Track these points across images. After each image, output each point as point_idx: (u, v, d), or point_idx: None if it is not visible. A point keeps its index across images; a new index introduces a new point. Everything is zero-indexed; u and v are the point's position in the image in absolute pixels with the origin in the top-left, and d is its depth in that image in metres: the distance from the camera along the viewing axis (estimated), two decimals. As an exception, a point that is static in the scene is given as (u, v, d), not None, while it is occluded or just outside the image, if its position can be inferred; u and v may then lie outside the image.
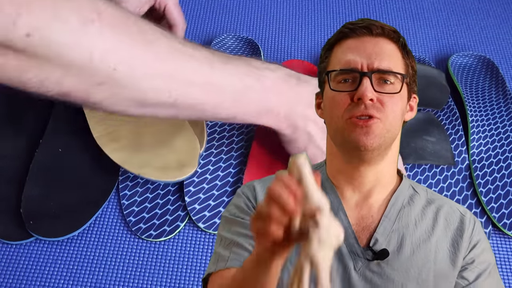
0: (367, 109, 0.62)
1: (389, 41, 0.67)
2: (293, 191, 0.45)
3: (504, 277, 1.03)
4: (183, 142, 1.06)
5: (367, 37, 0.67)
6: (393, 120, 0.64)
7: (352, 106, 0.63)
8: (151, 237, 1.02)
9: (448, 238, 0.65)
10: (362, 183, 0.66)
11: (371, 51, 0.65)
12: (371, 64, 0.64)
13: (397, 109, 0.64)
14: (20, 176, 1.06)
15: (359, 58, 0.65)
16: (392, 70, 0.65)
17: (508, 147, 1.16)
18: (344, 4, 1.47)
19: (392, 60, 0.66)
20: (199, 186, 1.07)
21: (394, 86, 0.65)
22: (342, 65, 0.66)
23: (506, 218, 1.06)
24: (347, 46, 0.67)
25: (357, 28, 0.67)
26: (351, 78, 0.65)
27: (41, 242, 1.02)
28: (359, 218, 0.66)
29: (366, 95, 0.62)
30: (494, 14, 1.48)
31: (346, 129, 0.63)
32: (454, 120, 1.18)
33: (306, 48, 1.36)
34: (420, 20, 1.45)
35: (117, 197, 1.08)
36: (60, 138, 1.11)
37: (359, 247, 0.63)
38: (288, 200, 0.45)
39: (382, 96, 0.63)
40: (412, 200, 0.68)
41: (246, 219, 0.66)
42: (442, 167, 1.13)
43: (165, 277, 0.99)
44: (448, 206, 0.69)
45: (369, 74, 0.63)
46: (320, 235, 0.44)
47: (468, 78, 1.30)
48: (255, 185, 0.71)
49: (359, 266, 0.62)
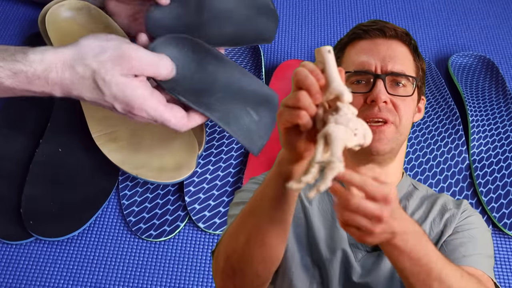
0: (381, 111, 0.63)
1: (401, 44, 0.68)
2: (318, 76, 0.45)
3: (504, 277, 1.03)
4: (181, 143, 1.06)
5: (380, 39, 0.67)
6: (406, 122, 0.65)
7: (366, 108, 0.64)
8: (151, 237, 1.02)
9: (443, 219, 0.66)
10: None
11: (384, 54, 0.66)
12: (384, 67, 0.65)
13: (409, 111, 0.66)
14: (20, 176, 1.06)
15: (373, 60, 0.66)
16: (405, 73, 0.66)
17: (508, 147, 1.16)
18: (344, 4, 1.47)
19: (404, 63, 0.66)
20: (199, 186, 1.07)
21: (406, 89, 0.66)
22: (356, 66, 0.66)
23: (506, 218, 1.06)
24: (360, 48, 0.68)
25: (370, 30, 0.68)
26: (365, 80, 0.66)
27: (41, 242, 1.02)
28: None
29: (380, 97, 0.63)
30: (494, 14, 1.48)
31: None
32: (454, 120, 1.18)
33: (306, 48, 1.36)
34: (420, 20, 1.45)
35: (117, 197, 1.08)
36: (60, 138, 1.11)
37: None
38: (313, 81, 0.45)
39: (395, 99, 0.64)
40: (411, 195, 0.69)
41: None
42: (442, 167, 1.13)
43: (165, 277, 0.99)
44: (446, 197, 0.70)
45: (383, 77, 0.64)
46: (337, 118, 0.44)
47: (468, 78, 1.30)
48: (260, 179, 0.72)
49: (359, 258, 0.63)
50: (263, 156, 1.11)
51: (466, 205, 0.68)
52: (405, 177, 0.70)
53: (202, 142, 1.08)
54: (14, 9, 1.38)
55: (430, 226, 0.65)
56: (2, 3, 1.40)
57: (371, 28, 0.68)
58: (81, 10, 1.17)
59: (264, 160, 1.10)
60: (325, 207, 0.67)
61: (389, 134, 0.63)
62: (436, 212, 0.67)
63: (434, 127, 1.19)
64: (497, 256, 1.05)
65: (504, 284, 1.01)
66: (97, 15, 1.17)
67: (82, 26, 1.16)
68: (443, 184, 1.11)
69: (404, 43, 0.68)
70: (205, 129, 1.10)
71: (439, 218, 0.66)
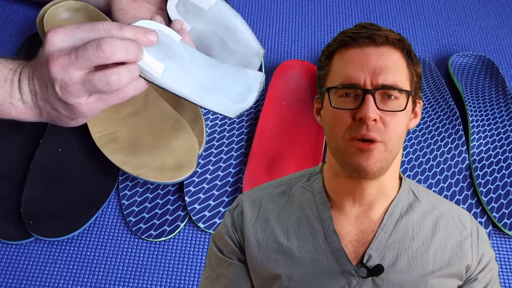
0: (369, 131, 0.58)
1: (393, 50, 0.63)
2: None
3: (504, 277, 1.03)
4: (181, 144, 1.06)
5: (370, 48, 0.62)
6: (396, 140, 0.61)
7: (354, 126, 0.59)
8: (151, 237, 1.02)
9: (447, 249, 0.63)
10: (364, 196, 0.64)
11: (375, 65, 0.61)
12: (375, 80, 0.60)
13: (400, 128, 0.61)
14: (20, 176, 1.06)
15: (362, 73, 0.61)
16: (398, 85, 0.61)
17: (508, 147, 1.16)
18: (344, 4, 1.47)
19: (397, 73, 0.61)
20: (199, 186, 1.07)
21: (398, 102, 0.61)
22: (344, 79, 0.62)
23: (507, 218, 1.06)
24: (348, 58, 0.63)
25: (359, 37, 0.62)
26: (353, 93, 0.61)
27: (41, 242, 1.02)
28: (358, 233, 0.63)
29: (368, 116, 0.58)
30: (494, 14, 1.48)
31: (347, 152, 0.60)
32: (454, 120, 1.18)
33: (306, 48, 1.36)
34: (420, 20, 1.45)
35: (117, 197, 1.08)
36: (60, 138, 1.11)
37: (351, 266, 0.61)
38: None
39: (385, 115, 0.60)
40: (412, 208, 0.65)
41: (234, 259, 0.67)
42: (442, 167, 1.13)
43: (165, 277, 0.99)
44: (449, 214, 0.66)
45: (372, 92, 0.59)
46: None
47: (468, 78, 1.30)
48: (243, 205, 0.69)
49: (353, 285, 0.60)
50: (263, 156, 1.11)
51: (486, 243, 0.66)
52: (403, 185, 0.66)
53: (202, 142, 1.08)
54: (14, 9, 1.38)
55: (434, 254, 0.62)
56: (2, 3, 1.40)
57: (359, 35, 0.62)
58: (79, 11, 1.17)
59: (264, 160, 1.10)
60: (306, 238, 0.64)
61: (377, 154, 0.59)
62: (441, 237, 0.64)
63: (434, 127, 1.19)
64: (497, 256, 1.05)
65: (504, 284, 1.01)
66: (96, 16, 1.17)
67: None
68: (443, 184, 1.11)
69: (396, 49, 0.63)
70: (205, 129, 1.10)
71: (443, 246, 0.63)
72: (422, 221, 0.64)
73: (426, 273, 0.61)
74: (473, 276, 0.63)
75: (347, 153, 0.60)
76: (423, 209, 0.65)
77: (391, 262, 0.61)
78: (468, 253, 0.63)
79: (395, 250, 0.62)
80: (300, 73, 1.27)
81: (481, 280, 0.63)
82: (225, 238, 0.68)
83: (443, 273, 0.61)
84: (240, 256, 0.68)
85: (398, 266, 0.61)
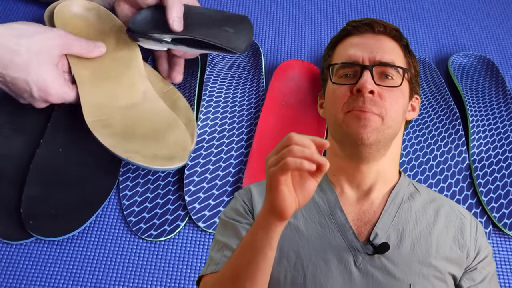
0: (365, 103, 0.62)
1: (390, 39, 0.68)
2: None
3: (504, 277, 1.03)
4: (176, 138, 1.06)
5: (369, 34, 0.67)
6: (394, 115, 0.63)
7: (352, 99, 0.63)
8: (152, 237, 1.02)
9: (449, 235, 0.65)
10: (363, 180, 0.66)
11: (373, 46, 0.66)
12: (372, 58, 0.65)
13: (398, 104, 0.64)
14: (20, 176, 1.06)
15: (361, 53, 0.65)
16: (394, 63, 0.65)
17: (508, 147, 1.16)
18: (344, 4, 1.47)
19: (394, 55, 0.66)
20: (199, 185, 1.07)
21: (395, 81, 0.65)
22: (344, 59, 0.66)
23: (507, 218, 1.06)
24: (349, 43, 0.68)
25: (359, 25, 0.68)
26: (353, 73, 0.65)
27: (41, 242, 1.02)
28: (360, 213, 0.65)
29: (365, 86, 0.62)
30: (494, 14, 1.48)
31: (344, 122, 0.63)
32: (454, 120, 1.18)
33: (306, 48, 1.36)
34: (420, 20, 1.45)
35: (117, 197, 1.08)
36: (60, 138, 1.11)
37: (358, 242, 0.63)
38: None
39: (382, 90, 0.63)
40: (413, 197, 0.67)
41: (242, 222, 0.66)
42: (442, 167, 1.13)
43: (165, 277, 0.99)
44: (448, 206, 0.68)
45: (370, 67, 0.63)
46: None
47: (468, 78, 1.30)
48: (251, 188, 0.71)
49: (359, 261, 0.61)
50: (263, 156, 1.11)
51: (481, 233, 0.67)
52: (403, 176, 0.69)
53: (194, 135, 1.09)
54: (14, 9, 1.38)
55: (437, 238, 0.64)
56: (2, 3, 1.40)
57: (360, 24, 0.68)
58: (90, 10, 1.18)
59: (264, 160, 1.10)
60: (312, 216, 0.65)
61: (374, 123, 0.62)
62: (442, 224, 0.65)
63: (434, 127, 1.19)
64: (497, 256, 1.05)
65: (504, 284, 1.01)
66: (106, 16, 1.18)
67: (90, 24, 1.17)
68: (443, 184, 1.11)
69: (393, 39, 0.68)
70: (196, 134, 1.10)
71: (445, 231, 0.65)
72: (424, 209, 0.66)
73: (429, 254, 0.62)
74: (472, 266, 0.65)
75: (344, 124, 0.63)
76: (423, 199, 0.68)
77: (395, 242, 0.63)
78: (467, 241, 0.65)
79: (399, 231, 0.64)
80: (300, 73, 1.27)
81: (481, 271, 0.64)
82: (236, 207, 0.69)
83: (445, 256, 0.63)
84: (251, 223, 0.68)
85: (403, 246, 0.63)
